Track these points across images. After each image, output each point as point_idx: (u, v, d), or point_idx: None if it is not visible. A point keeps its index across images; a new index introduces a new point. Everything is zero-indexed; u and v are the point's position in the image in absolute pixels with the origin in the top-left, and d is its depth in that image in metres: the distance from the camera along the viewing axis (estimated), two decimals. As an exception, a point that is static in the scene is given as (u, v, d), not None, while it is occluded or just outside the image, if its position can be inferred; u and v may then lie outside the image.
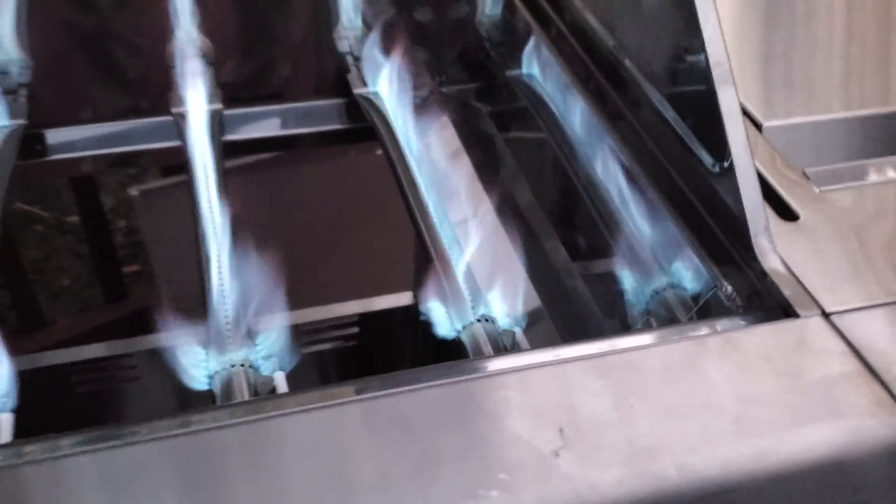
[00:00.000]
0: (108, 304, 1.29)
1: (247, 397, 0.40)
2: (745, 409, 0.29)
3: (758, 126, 0.44)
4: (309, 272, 0.56)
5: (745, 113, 0.44)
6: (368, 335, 0.80)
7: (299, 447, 0.28)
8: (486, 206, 0.62)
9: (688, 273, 0.44)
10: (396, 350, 0.81)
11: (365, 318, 0.80)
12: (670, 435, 0.28)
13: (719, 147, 0.39)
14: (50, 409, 0.60)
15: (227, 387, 0.41)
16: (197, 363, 0.46)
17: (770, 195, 0.39)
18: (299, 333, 0.72)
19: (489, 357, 0.37)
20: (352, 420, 0.29)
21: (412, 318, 0.91)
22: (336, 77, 0.73)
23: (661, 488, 0.27)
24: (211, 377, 0.44)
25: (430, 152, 0.68)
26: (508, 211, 0.63)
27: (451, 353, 0.48)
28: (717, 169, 0.40)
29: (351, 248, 0.79)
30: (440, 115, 0.71)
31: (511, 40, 0.70)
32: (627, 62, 0.54)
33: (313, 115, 0.72)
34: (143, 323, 1.04)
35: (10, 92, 0.65)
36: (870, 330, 0.32)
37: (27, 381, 0.41)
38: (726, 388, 0.30)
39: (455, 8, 0.71)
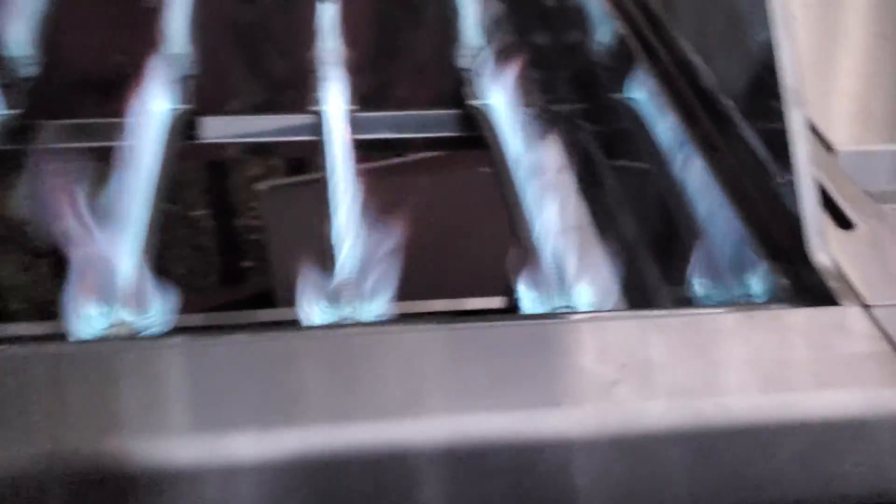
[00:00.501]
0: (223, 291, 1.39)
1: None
2: (778, 369, 0.35)
3: (830, 149, 0.49)
4: (415, 268, 0.63)
5: (818, 136, 0.49)
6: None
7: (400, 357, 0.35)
8: (583, 216, 0.69)
9: (756, 275, 0.49)
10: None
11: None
12: (712, 381, 0.34)
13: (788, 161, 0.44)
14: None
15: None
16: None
17: (830, 206, 0.44)
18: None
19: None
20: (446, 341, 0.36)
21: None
22: (454, 89, 0.81)
23: (698, 420, 0.33)
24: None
25: (536, 164, 0.74)
26: (604, 220, 0.69)
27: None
28: (785, 181, 0.45)
29: (454, 248, 0.86)
30: (547, 130, 0.78)
31: (618, 66, 0.76)
32: (722, 96, 0.60)
33: (431, 123, 0.80)
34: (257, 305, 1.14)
35: (176, 81, 0.75)
36: (904, 323, 0.37)
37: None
38: (764, 352, 0.35)
39: (569, 34, 0.78)
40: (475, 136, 0.78)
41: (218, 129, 0.76)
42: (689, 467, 0.33)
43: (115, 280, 0.53)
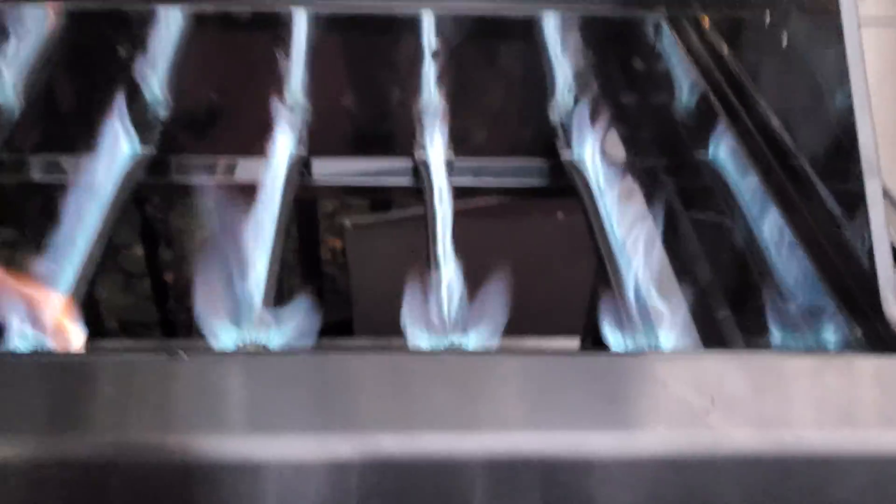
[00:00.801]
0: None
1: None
2: (852, 407, 0.39)
3: (901, 212, 0.54)
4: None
5: (890, 199, 0.54)
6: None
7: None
8: (666, 264, 0.74)
9: (835, 325, 0.54)
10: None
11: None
12: (791, 414, 0.39)
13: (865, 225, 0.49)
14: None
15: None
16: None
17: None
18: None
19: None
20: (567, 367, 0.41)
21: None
22: (546, 142, 0.87)
23: (779, 448, 0.38)
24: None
25: (622, 214, 0.80)
26: (684, 269, 0.74)
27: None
28: (861, 244, 0.50)
29: (541, 288, 0.92)
30: (633, 184, 0.84)
31: (701, 126, 0.81)
32: (799, 156, 0.65)
33: (525, 172, 0.87)
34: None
35: (295, 125, 0.82)
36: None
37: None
38: (840, 392, 0.40)
39: (655, 95, 0.84)
40: (567, 187, 0.84)
41: (327, 169, 0.84)
42: (769, 488, 0.38)
43: (246, 303, 0.60)
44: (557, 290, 0.96)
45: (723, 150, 0.78)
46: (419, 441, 0.37)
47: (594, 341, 1.04)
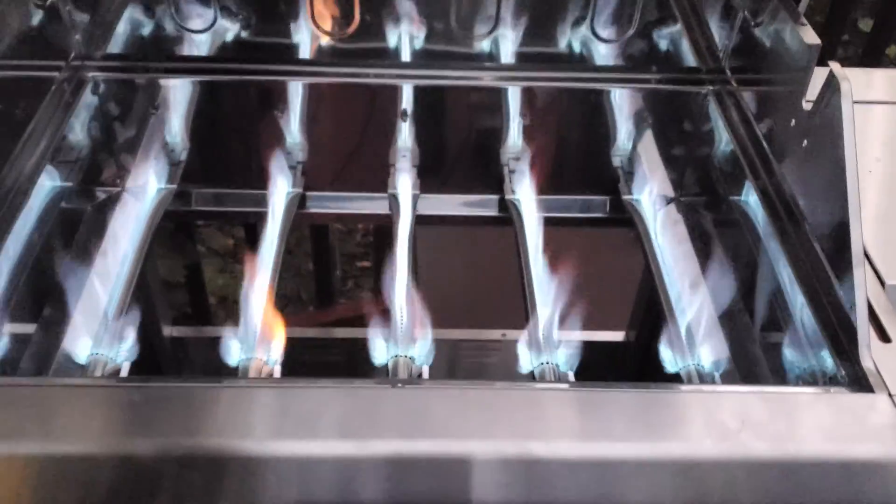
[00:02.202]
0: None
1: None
2: (836, 429, 0.61)
3: (882, 282, 0.75)
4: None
5: (875, 270, 0.75)
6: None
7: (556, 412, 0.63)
8: (703, 286, 0.94)
9: (827, 362, 0.75)
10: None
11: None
12: (796, 434, 0.61)
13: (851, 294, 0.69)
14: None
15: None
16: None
17: (875, 322, 0.70)
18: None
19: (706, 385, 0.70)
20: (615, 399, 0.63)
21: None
22: (610, 181, 1.07)
23: (788, 457, 0.59)
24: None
25: (669, 242, 1.00)
26: (718, 291, 0.94)
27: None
28: (848, 305, 0.71)
29: (603, 299, 1.15)
30: (678, 216, 1.04)
31: (735, 173, 0.99)
32: (806, 220, 0.83)
33: (589, 206, 1.08)
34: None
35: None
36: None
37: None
38: (828, 418, 0.62)
39: (699, 147, 1.03)
40: (625, 219, 1.04)
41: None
42: (781, 485, 0.60)
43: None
44: (609, 296, 1.19)
45: (750, 195, 0.97)
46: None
47: (637, 336, 1.26)
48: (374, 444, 0.59)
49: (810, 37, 0.79)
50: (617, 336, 1.29)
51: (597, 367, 0.81)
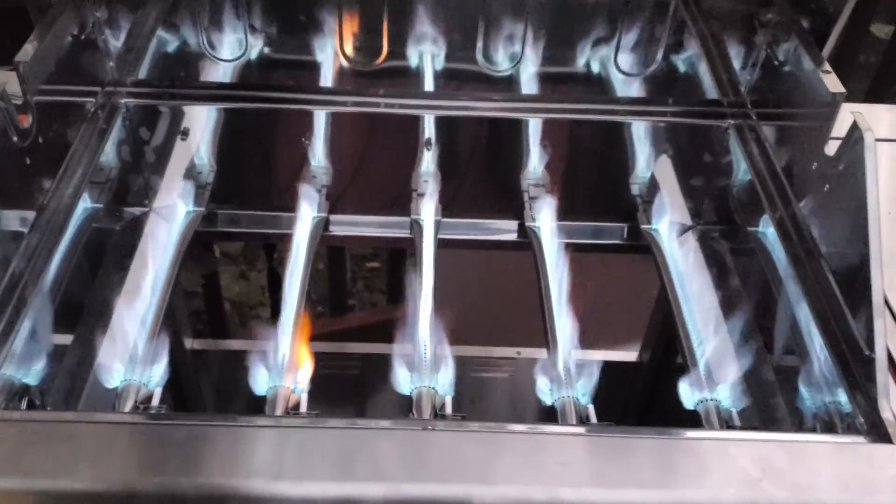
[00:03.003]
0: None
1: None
2: (853, 479, 0.63)
3: (899, 323, 0.76)
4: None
5: (892, 312, 0.76)
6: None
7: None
8: (721, 319, 0.96)
9: (842, 399, 0.77)
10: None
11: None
12: (814, 483, 0.62)
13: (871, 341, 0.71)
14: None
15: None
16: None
17: (893, 366, 0.72)
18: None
19: (721, 430, 0.72)
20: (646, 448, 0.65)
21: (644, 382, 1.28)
22: (623, 210, 1.08)
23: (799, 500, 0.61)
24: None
25: (687, 270, 1.01)
26: (735, 325, 0.95)
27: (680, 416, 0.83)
28: (866, 347, 0.72)
29: (620, 326, 1.17)
30: (695, 245, 1.05)
31: (753, 204, 1.00)
32: (823, 257, 0.85)
33: (608, 233, 1.09)
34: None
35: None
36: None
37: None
38: (845, 467, 0.64)
39: (718, 178, 1.05)
40: (643, 246, 1.06)
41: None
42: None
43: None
44: (626, 323, 1.21)
45: (767, 226, 0.98)
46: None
47: (650, 357, 1.28)
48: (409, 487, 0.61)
49: (834, 84, 0.81)
50: (633, 361, 1.30)
51: (614, 395, 0.83)
